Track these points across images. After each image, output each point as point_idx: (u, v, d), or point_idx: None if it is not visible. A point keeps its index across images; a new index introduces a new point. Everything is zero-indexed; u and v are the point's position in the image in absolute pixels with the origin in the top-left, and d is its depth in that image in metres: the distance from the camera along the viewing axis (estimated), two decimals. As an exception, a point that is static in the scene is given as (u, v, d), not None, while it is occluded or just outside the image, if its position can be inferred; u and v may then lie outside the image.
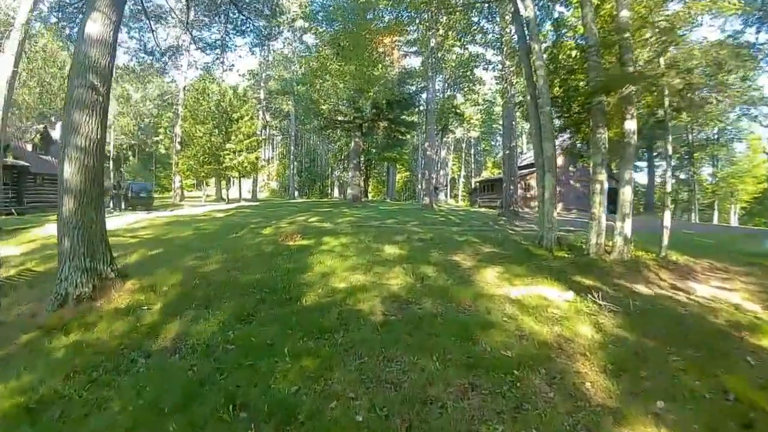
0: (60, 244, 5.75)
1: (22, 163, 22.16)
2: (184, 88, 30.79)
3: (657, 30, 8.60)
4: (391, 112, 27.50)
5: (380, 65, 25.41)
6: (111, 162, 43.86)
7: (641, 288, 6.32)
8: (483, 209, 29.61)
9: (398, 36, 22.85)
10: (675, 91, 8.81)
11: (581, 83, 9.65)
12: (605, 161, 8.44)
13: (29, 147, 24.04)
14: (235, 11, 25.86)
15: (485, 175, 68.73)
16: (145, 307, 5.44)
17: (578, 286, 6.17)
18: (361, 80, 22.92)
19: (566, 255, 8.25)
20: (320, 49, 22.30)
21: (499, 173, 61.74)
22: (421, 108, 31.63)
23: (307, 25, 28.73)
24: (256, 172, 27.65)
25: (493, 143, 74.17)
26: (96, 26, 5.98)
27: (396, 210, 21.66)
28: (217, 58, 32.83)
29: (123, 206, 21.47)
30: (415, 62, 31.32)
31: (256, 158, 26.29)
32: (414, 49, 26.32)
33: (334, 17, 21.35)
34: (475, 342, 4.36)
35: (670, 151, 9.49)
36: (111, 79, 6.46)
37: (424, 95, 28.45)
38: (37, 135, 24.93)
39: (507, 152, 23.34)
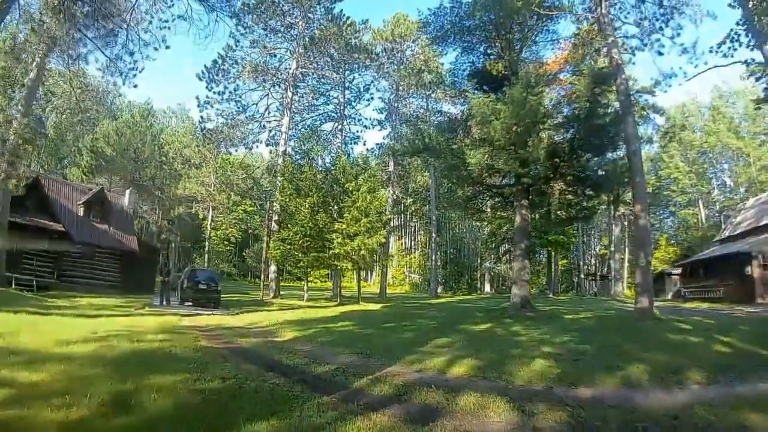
0: None
1: (56, 227, 17.76)
2: (284, 153, 25.44)
3: None
4: (575, 161, 17.90)
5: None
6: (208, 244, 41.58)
7: None
8: (704, 305, 20.60)
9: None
10: None
11: None
12: None
13: (81, 211, 20.32)
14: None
15: (661, 257, 52.15)
16: None
17: None
18: (526, 114, 14.83)
19: None
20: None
21: (679, 253, 46.15)
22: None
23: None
24: (381, 263, 19.83)
25: (659, 215, 58.33)
26: None
27: (593, 325, 11.47)
28: (336, 125, 28.12)
29: (173, 299, 15.86)
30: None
31: (379, 244, 18.63)
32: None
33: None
34: None
35: None
36: None
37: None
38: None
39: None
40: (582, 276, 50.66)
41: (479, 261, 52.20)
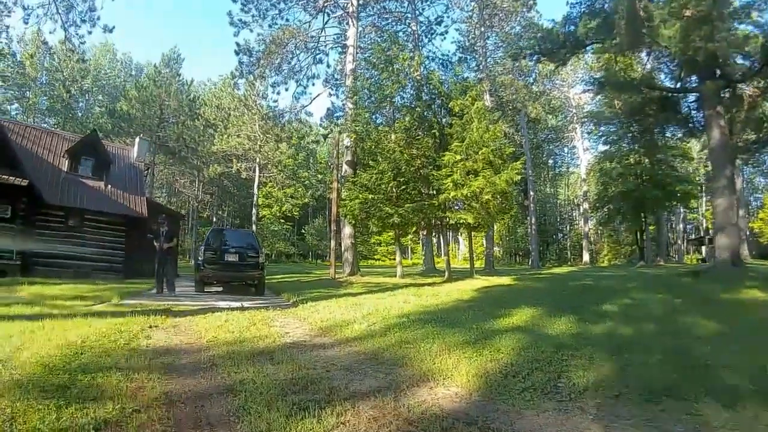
0: None
1: (19, 182, 11.68)
2: (352, 71, 17.86)
3: None
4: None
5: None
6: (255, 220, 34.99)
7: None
8: None
9: None
10: None
11: None
12: None
13: (65, 164, 14.82)
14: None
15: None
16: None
17: None
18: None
19: None
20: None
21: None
22: None
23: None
24: (493, 218, 13.11)
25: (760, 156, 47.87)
26: None
27: None
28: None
29: (186, 284, 10.95)
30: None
31: (512, 183, 11.84)
32: None
33: None
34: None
35: None
36: None
37: None
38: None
39: None
40: (680, 241, 43.38)
41: (567, 228, 45.28)
